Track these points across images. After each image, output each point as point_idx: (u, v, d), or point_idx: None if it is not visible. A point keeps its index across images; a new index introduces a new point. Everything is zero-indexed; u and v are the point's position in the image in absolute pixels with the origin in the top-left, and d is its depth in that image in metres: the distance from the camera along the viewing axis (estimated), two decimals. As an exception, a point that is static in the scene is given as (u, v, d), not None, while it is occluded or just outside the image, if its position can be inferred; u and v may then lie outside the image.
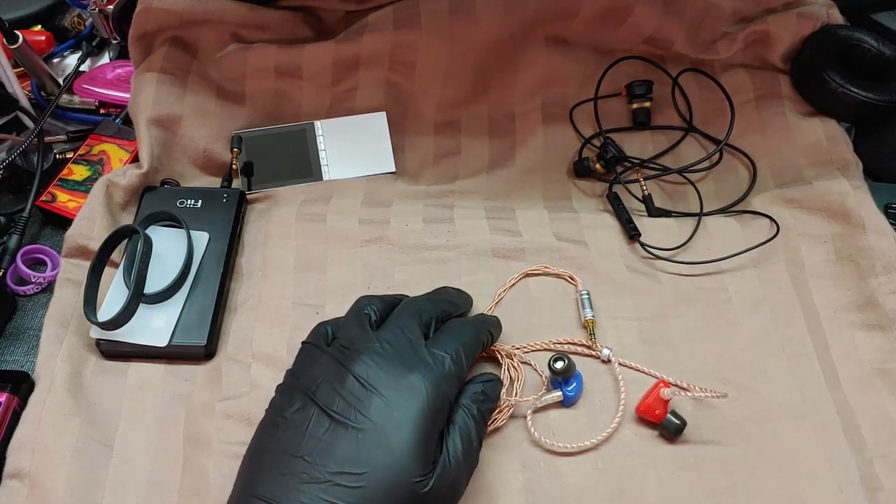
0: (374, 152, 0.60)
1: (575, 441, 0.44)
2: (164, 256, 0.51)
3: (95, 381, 0.47)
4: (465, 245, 0.53)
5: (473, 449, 0.40)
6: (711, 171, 0.61)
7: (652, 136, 0.63)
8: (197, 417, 0.46)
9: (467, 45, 0.61)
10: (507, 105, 0.63)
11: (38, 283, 0.55)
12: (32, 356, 0.50)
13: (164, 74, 0.59)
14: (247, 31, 0.61)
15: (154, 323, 0.49)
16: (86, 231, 0.52)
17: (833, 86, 0.59)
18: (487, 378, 0.43)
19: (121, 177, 0.55)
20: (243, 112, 0.61)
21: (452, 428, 0.39)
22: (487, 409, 0.42)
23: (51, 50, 0.69)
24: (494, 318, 0.47)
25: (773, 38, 0.63)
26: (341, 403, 0.37)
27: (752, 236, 0.54)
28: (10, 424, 0.45)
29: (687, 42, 0.64)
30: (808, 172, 0.59)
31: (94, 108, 0.66)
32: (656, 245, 0.54)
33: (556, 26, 0.63)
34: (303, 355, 0.42)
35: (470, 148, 0.62)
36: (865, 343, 0.50)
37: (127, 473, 0.44)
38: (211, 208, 0.54)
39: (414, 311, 0.43)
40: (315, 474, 0.35)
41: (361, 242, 0.53)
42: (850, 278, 0.52)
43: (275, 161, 0.60)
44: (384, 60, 0.62)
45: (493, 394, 0.43)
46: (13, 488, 0.42)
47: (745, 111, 0.63)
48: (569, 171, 0.61)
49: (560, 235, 0.54)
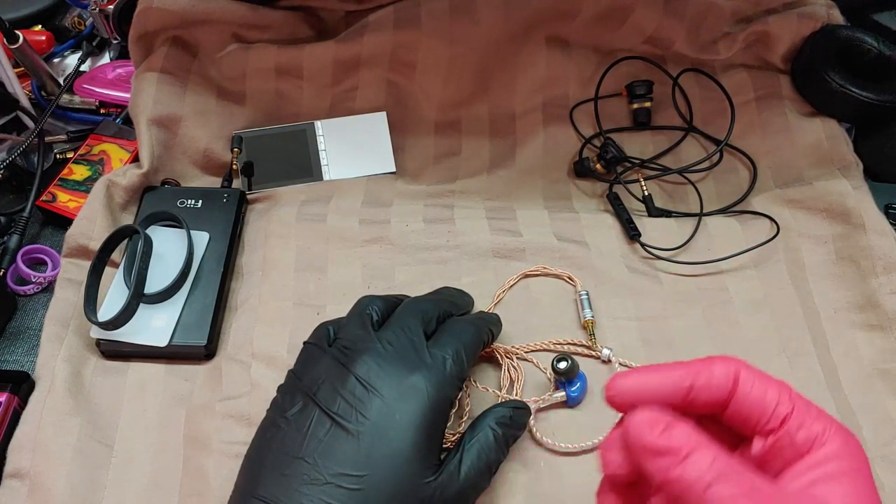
0: (374, 152, 0.60)
1: (576, 441, 0.44)
2: (165, 256, 0.51)
3: (95, 381, 0.47)
4: (465, 245, 0.53)
5: (488, 470, 0.39)
6: (712, 172, 0.61)
7: (652, 136, 0.63)
8: (197, 417, 0.46)
9: (468, 45, 0.61)
10: (508, 105, 0.63)
11: (39, 283, 0.55)
12: (32, 356, 0.50)
13: (164, 74, 0.59)
14: (247, 31, 0.61)
15: (154, 323, 0.49)
16: (86, 231, 0.52)
17: (833, 86, 0.59)
18: (518, 405, 0.43)
19: (121, 177, 0.55)
20: (243, 112, 0.61)
21: (472, 443, 0.39)
22: (512, 436, 0.41)
23: (51, 50, 0.69)
24: (495, 316, 0.47)
25: (773, 38, 0.63)
26: (342, 404, 0.37)
27: (752, 236, 0.54)
28: (10, 424, 0.45)
29: (687, 42, 0.64)
30: (808, 173, 0.59)
31: (95, 108, 0.66)
32: (656, 245, 0.54)
33: (556, 26, 0.63)
34: (304, 355, 0.42)
35: (470, 148, 0.62)
36: (866, 343, 0.50)
37: (127, 473, 0.44)
38: (211, 208, 0.54)
39: (416, 311, 0.43)
40: (316, 476, 0.35)
41: (362, 242, 0.53)
42: (851, 279, 0.52)
43: (275, 161, 0.60)
44: (384, 60, 0.62)
45: (521, 422, 0.42)
46: (13, 488, 0.42)
47: (746, 111, 0.63)
48: (569, 171, 0.61)
49: (560, 235, 0.54)
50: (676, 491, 0.23)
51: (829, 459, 0.24)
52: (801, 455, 0.24)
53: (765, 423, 0.25)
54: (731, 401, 0.25)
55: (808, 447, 0.24)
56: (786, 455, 0.25)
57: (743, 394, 0.25)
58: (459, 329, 0.43)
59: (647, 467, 0.23)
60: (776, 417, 0.25)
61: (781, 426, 0.25)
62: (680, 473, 0.22)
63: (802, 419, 0.25)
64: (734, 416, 0.25)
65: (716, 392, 0.25)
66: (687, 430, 0.23)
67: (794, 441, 0.24)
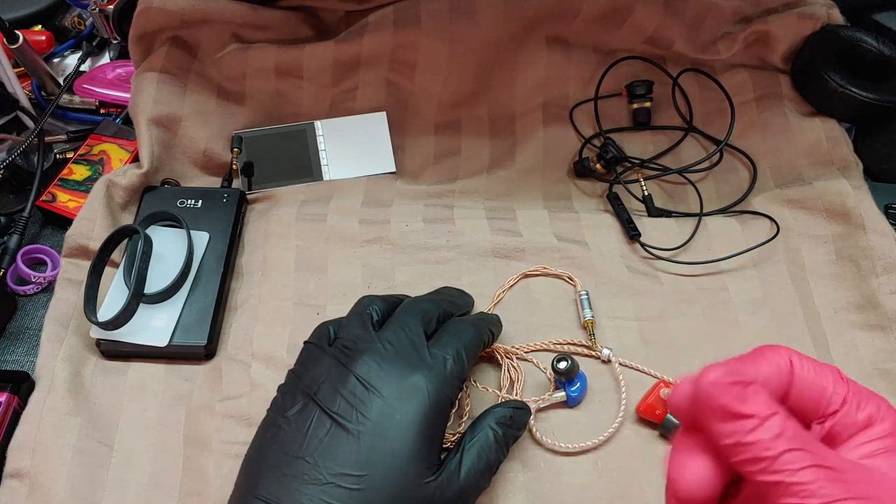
0: (374, 152, 0.60)
1: (576, 441, 0.44)
2: (165, 256, 0.51)
3: (95, 381, 0.47)
4: (465, 245, 0.53)
5: (488, 470, 0.39)
6: (712, 172, 0.61)
7: (652, 136, 0.63)
8: (197, 417, 0.46)
9: (467, 45, 0.61)
10: (508, 105, 0.63)
11: (39, 283, 0.55)
12: (32, 356, 0.50)
13: (164, 74, 0.59)
14: (247, 31, 0.61)
15: (154, 323, 0.49)
16: (86, 231, 0.52)
17: (833, 86, 0.59)
18: (518, 405, 0.43)
19: (121, 177, 0.55)
20: (243, 112, 0.61)
21: (472, 444, 0.39)
22: (512, 436, 0.41)
23: (51, 50, 0.69)
24: (495, 317, 0.47)
25: (773, 38, 0.63)
26: (342, 404, 0.37)
27: (752, 236, 0.54)
28: (10, 424, 0.45)
29: (687, 42, 0.64)
30: (808, 173, 0.59)
31: (95, 108, 0.66)
32: (656, 245, 0.54)
33: (556, 26, 0.63)
34: (305, 355, 0.42)
35: (470, 148, 0.62)
36: (866, 343, 0.50)
37: (127, 473, 0.44)
38: (211, 208, 0.54)
39: (416, 311, 0.43)
40: (316, 476, 0.35)
41: (362, 242, 0.53)
42: (851, 279, 0.52)
43: (275, 161, 0.59)
44: (384, 60, 0.62)
45: (521, 422, 0.42)
46: (13, 488, 0.42)
47: (746, 111, 0.63)
48: (569, 171, 0.61)
49: (560, 235, 0.54)
50: (748, 455, 0.22)
51: (886, 434, 0.24)
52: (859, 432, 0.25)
53: (825, 405, 0.25)
54: (791, 388, 0.25)
55: (867, 425, 0.24)
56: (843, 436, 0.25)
57: (801, 379, 0.25)
58: (460, 329, 0.43)
59: (718, 429, 0.23)
60: (836, 400, 0.25)
61: (842, 407, 0.25)
62: (755, 438, 0.22)
63: (859, 399, 0.25)
64: (796, 403, 0.25)
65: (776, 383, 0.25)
66: (765, 396, 0.23)
67: (855, 421, 0.24)
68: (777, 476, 0.22)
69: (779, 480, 0.22)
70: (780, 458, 0.22)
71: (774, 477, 0.22)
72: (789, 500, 0.22)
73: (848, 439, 0.25)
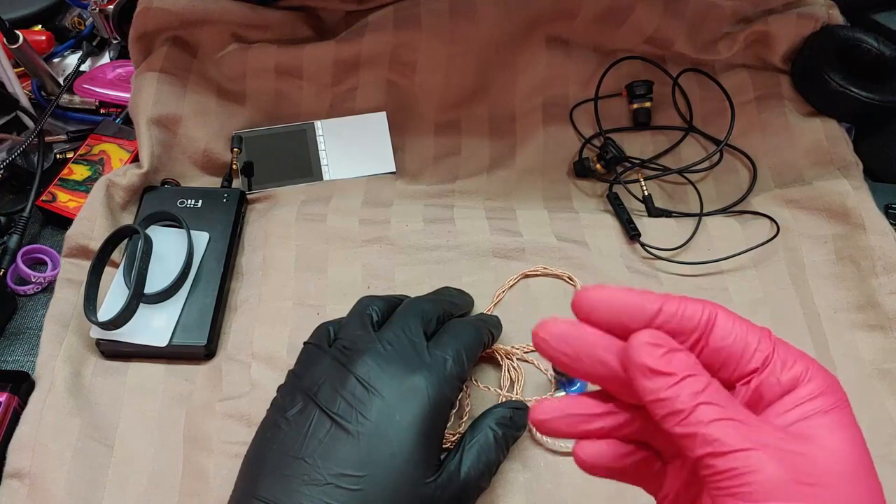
0: (374, 152, 0.60)
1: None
2: (165, 256, 0.51)
3: (95, 381, 0.47)
4: (465, 245, 0.53)
5: (488, 471, 0.39)
6: (712, 172, 0.61)
7: (652, 136, 0.63)
8: (197, 417, 0.46)
9: (467, 45, 0.61)
10: (508, 105, 0.63)
11: (39, 283, 0.55)
12: (32, 356, 0.50)
13: (164, 74, 0.59)
14: (247, 31, 0.61)
15: (154, 323, 0.49)
16: (86, 231, 0.52)
17: (833, 86, 0.59)
18: (518, 405, 0.43)
19: (121, 177, 0.55)
20: (243, 112, 0.61)
21: (472, 444, 0.39)
22: (512, 436, 0.42)
23: (51, 50, 0.69)
24: (495, 318, 0.47)
25: (773, 38, 0.63)
26: (342, 405, 0.37)
27: (752, 236, 0.54)
28: (10, 424, 0.45)
29: (687, 42, 0.64)
30: (808, 173, 0.59)
31: (95, 108, 0.66)
32: (656, 245, 0.54)
33: (556, 26, 0.63)
34: (305, 355, 0.42)
35: (470, 148, 0.62)
36: (866, 343, 0.50)
37: (127, 473, 0.44)
38: (211, 208, 0.54)
39: (416, 311, 0.43)
40: (316, 476, 0.35)
41: (362, 242, 0.53)
42: (851, 279, 0.52)
43: (275, 161, 0.59)
44: (384, 60, 0.62)
45: (521, 422, 0.42)
46: (13, 488, 0.42)
47: (746, 111, 0.63)
48: (569, 171, 0.61)
49: (560, 235, 0.54)
50: (665, 410, 0.23)
51: (813, 395, 0.24)
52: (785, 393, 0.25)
53: (746, 362, 0.25)
54: (708, 339, 0.25)
55: (793, 386, 0.24)
56: (768, 397, 0.25)
57: (723, 332, 0.25)
58: (460, 330, 0.43)
59: (641, 384, 0.24)
60: (758, 358, 0.25)
61: (765, 367, 0.25)
62: (671, 394, 0.23)
63: (785, 359, 0.25)
64: (714, 357, 0.25)
65: (686, 323, 0.25)
66: (687, 358, 0.24)
67: (779, 381, 0.25)
68: (692, 428, 0.23)
69: (694, 432, 0.23)
70: (695, 412, 0.23)
71: (690, 429, 0.23)
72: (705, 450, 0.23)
73: (775, 401, 0.25)
